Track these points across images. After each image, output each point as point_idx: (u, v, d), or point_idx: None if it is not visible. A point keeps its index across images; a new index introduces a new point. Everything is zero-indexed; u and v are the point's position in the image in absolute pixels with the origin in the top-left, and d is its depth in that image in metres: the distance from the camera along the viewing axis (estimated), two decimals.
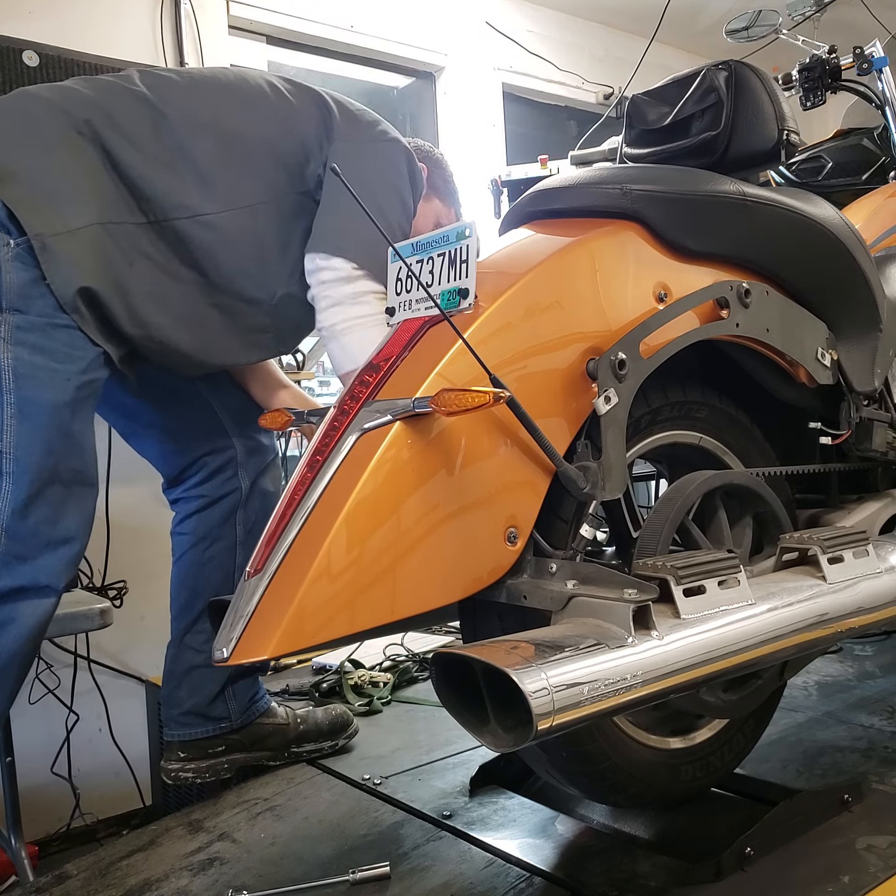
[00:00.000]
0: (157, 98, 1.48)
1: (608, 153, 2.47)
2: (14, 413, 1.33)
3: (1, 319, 1.34)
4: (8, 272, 1.34)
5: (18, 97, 1.46)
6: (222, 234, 1.49)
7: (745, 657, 1.08)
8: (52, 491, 1.36)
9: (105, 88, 1.48)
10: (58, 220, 1.37)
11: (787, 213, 1.36)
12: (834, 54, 2.21)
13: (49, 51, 2.43)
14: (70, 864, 1.47)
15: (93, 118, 1.43)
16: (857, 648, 2.18)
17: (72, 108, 1.43)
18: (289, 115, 1.56)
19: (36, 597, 1.36)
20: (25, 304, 1.35)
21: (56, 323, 1.36)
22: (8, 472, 1.33)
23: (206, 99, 1.52)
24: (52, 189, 1.38)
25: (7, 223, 1.35)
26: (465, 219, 1.13)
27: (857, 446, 1.48)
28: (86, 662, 2.57)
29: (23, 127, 1.41)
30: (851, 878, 1.20)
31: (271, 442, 1.80)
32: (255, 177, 1.52)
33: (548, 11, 3.91)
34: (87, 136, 1.42)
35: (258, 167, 1.52)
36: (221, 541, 1.72)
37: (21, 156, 1.39)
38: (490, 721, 0.95)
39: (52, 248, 1.35)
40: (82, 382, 1.39)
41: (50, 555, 1.37)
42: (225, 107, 1.53)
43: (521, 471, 1.08)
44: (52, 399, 1.35)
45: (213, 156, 1.49)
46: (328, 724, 1.80)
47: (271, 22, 3.13)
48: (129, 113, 1.46)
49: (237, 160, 1.50)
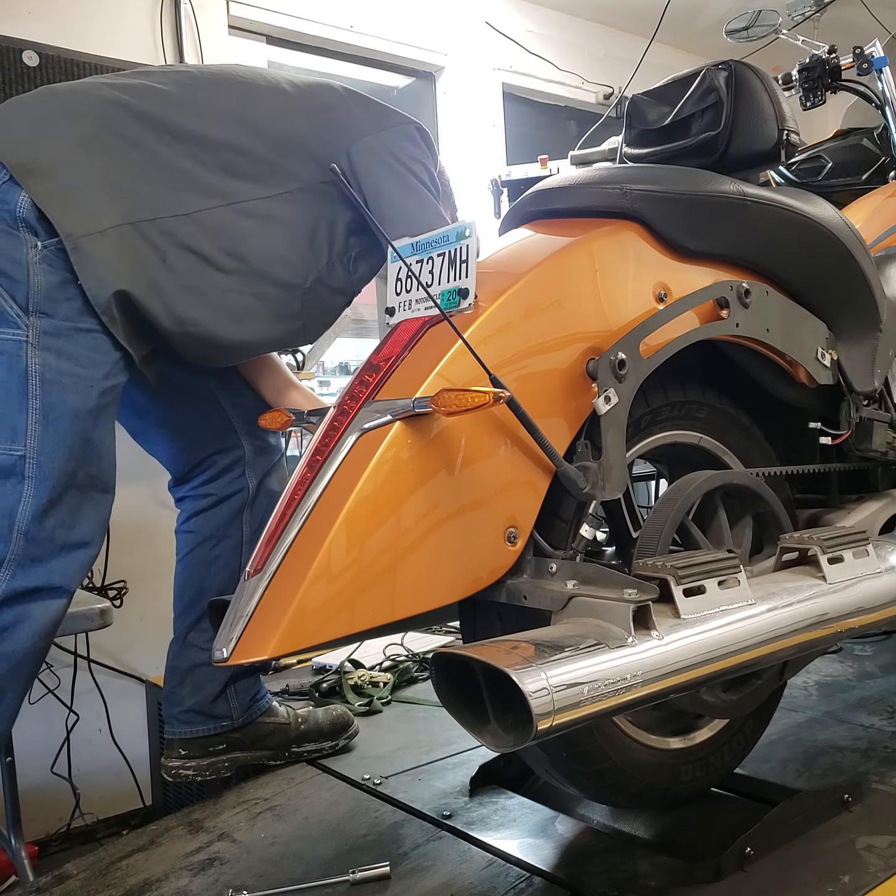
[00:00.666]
0: (183, 93, 1.49)
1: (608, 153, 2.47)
2: (38, 419, 1.33)
3: (29, 323, 1.33)
4: (36, 274, 1.33)
5: (45, 94, 1.45)
6: (261, 220, 1.50)
7: (745, 657, 1.08)
8: (70, 496, 1.37)
9: (130, 85, 1.48)
10: (88, 220, 1.35)
11: (787, 213, 1.36)
12: (834, 54, 2.21)
13: (49, 51, 2.44)
14: (70, 864, 1.47)
15: (121, 114, 1.42)
16: (857, 648, 2.18)
17: (100, 104, 1.42)
18: (307, 104, 1.58)
19: (49, 597, 1.37)
20: (52, 307, 1.34)
21: (80, 327, 1.36)
22: (30, 476, 1.33)
23: (229, 92, 1.54)
24: (81, 186, 1.36)
25: (35, 224, 1.33)
26: (465, 219, 1.13)
27: (857, 446, 1.48)
28: (86, 662, 2.58)
29: (52, 123, 1.39)
30: (851, 878, 1.20)
31: (278, 442, 1.80)
32: (287, 165, 1.53)
33: (548, 11, 3.91)
34: (115, 131, 1.41)
35: (288, 156, 1.53)
36: (228, 539, 1.72)
37: (52, 151, 1.37)
38: (490, 721, 0.95)
39: (84, 249, 1.34)
40: (105, 389, 1.39)
41: (64, 557, 1.37)
42: (249, 100, 1.54)
43: (520, 471, 1.08)
44: (75, 405, 1.35)
45: (241, 145, 1.50)
46: (329, 725, 1.80)
47: (271, 22, 3.14)
48: (157, 108, 1.45)
49: (269, 150, 1.51)
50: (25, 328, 1.33)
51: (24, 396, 1.33)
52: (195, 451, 1.72)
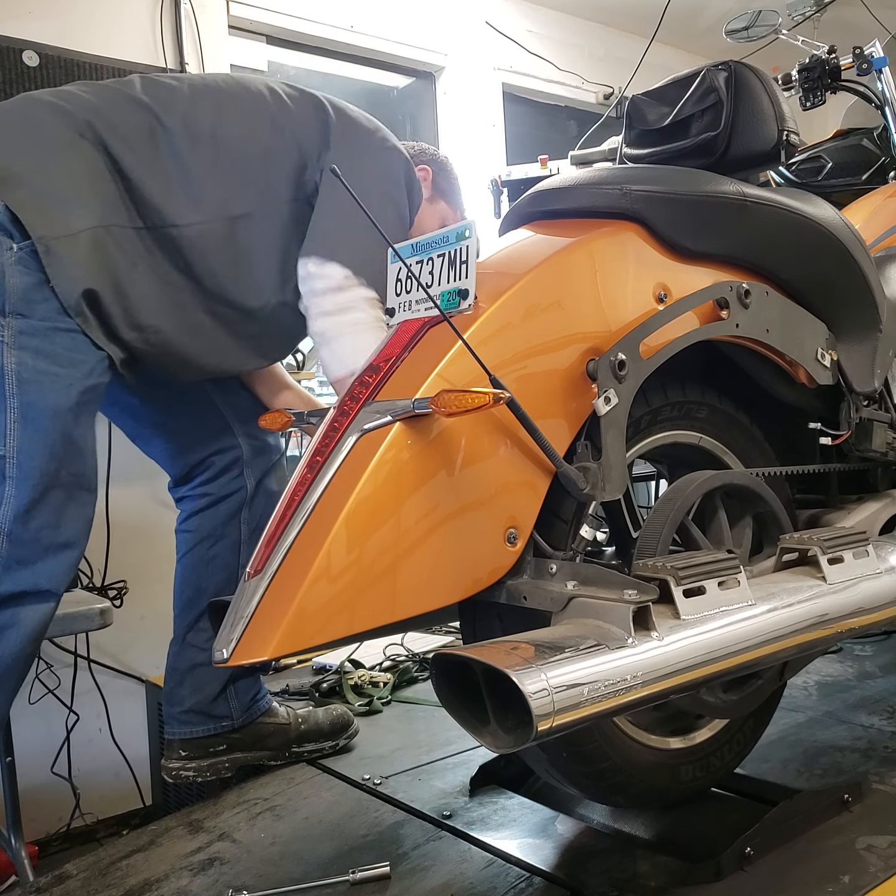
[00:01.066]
0: (157, 106, 1.48)
1: (608, 153, 2.47)
2: (17, 418, 1.33)
3: (4, 324, 1.34)
4: (11, 276, 1.34)
5: (21, 101, 1.47)
6: (214, 243, 1.49)
7: (746, 658, 1.08)
8: (54, 495, 1.36)
9: (106, 94, 1.49)
10: (60, 223, 1.37)
11: (787, 214, 1.36)
12: (834, 54, 2.21)
13: (49, 51, 2.44)
14: (70, 864, 1.48)
15: (94, 122, 1.43)
16: (857, 648, 2.18)
17: (74, 111, 1.43)
18: (287, 121, 1.55)
19: (37, 601, 1.36)
20: (28, 308, 1.35)
21: (59, 327, 1.36)
22: (11, 476, 1.33)
23: (204, 107, 1.52)
24: (54, 191, 1.38)
25: (10, 227, 1.35)
26: (464, 220, 1.13)
27: (856, 446, 1.48)
28: (86, 662, 2.58)
29: (25, 130, 1.42)
30: (851, 878, 1.20)
31: (277, 442, 1.80)
32: (250, 185, 1.51)
33: (548, 11, 3.91)
34: (89, 138, 1.42)
35: (253, 175, 1.51)
36: (225, 539, 1.72)
37: (24, 159, 1.39)
38: (490, 722, 0.95)
39: (56, 251, 1.35)
40: (85, 387, 1.39)
41: (51, 559, 1.37)
42: (223, 116, 1.53)
43: (520, 471, 1.08)
44: (54, 404, 1.36)
45: (208, 165, 1.49)
46: (329, 725, 1.80)
47: (271, 22, 3.13)
48: (129, 119, 1.46)
49: (232, 169, 1.50)
50: (0, 328, 1.34)
51: (2, 396, 1.33)
52: (192, 453, 1.72)
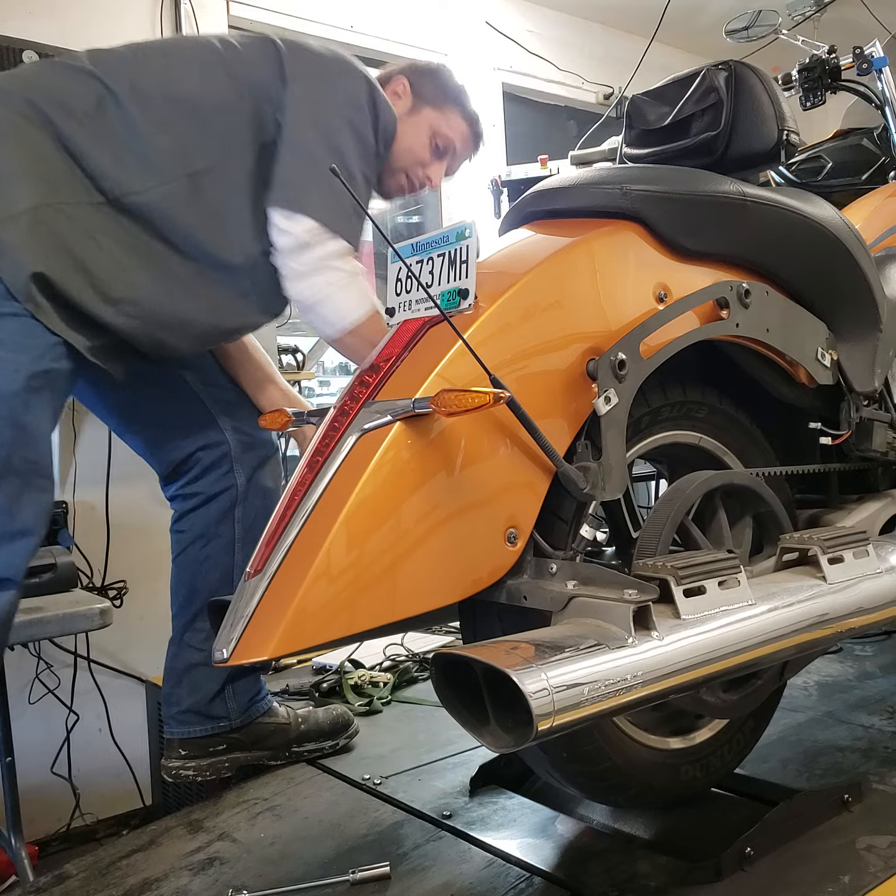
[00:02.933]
0: (103, 73, 1.43)
1: (608, 153, 2.47)
2: None
3: None
4: None
5: None
6: (180, 204, 1.44)
7: (746, 657, 1.08)
8: (8, 482, 1.32)
9: (49, 70, 1.45)
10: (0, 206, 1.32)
11: (787, 214, 1.36)
12: (834, 54, 2.21)
13: (49, 51, 2.43)
14: (70, 864, 1.47)
15: (37, 100, 1.38)
16: (857, 648, 2.18)
17: (13, 91, 1.39)
18: (239, 65, 1.50)
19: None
20: None
21: (5, 312, 1.32)
22: None
23: (152, 67, 1.47)
24: None
25: None
26: (464, 220, 1.13)
27: (857, 446, 1.48)
28: (86, 662, 2.58)
29: None
30: (851, 878, 1.20)
31: (267, 437, 1.75)
32: (209, 137, 1.46)
33: (547, 11, 3.91)
34: (30, 117, 1.37)
35: (212, 126, 1.46)
36: (218, 539, 1.69)
37: None
38: (490, 721, 0.95)
39: None
40: (34, 373, 1.34)
41: (6, 548, 1.33)
42: (173, 72, 1.48)
43: (520, 471, 1.08)
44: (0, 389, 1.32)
45: (162, 124, 1.43)
46: (329, 724, 1.80)
47: (271, 22, 3.13)
48: (74, 90, 1.41)
49: (188, 124, 1.45)
50: None
51: None
52: (177, 449, 1.68)
